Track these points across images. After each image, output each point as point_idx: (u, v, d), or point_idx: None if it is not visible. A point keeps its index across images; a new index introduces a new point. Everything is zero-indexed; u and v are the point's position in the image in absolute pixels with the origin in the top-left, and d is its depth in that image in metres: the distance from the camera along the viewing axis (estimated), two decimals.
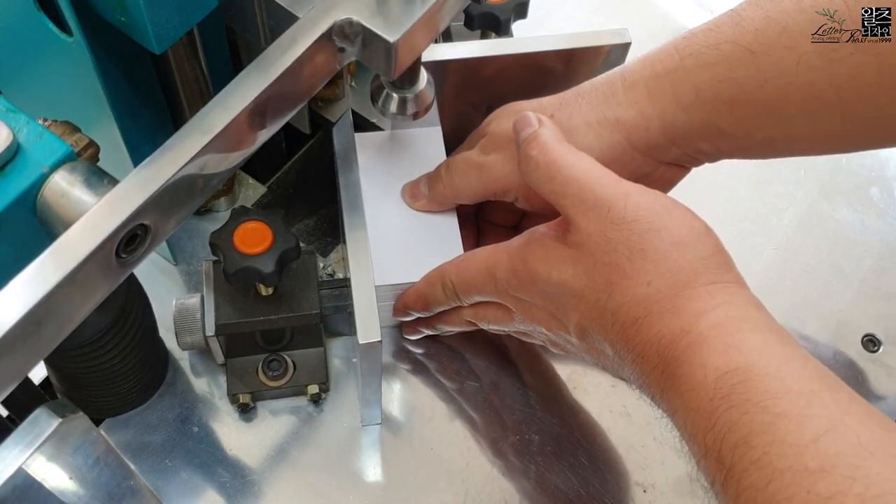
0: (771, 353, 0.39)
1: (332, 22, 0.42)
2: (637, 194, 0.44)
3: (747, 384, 0.38)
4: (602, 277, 0.44)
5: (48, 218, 0.38)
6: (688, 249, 0.43)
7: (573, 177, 0.45)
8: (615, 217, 0.44)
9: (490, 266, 0.49)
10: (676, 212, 0.44)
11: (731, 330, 0.40)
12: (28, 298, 0.34)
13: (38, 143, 0.38)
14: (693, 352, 0.40)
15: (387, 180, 0.56)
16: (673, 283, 0.42)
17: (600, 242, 0.44)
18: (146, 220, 0.37)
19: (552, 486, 0.55)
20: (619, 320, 0.43)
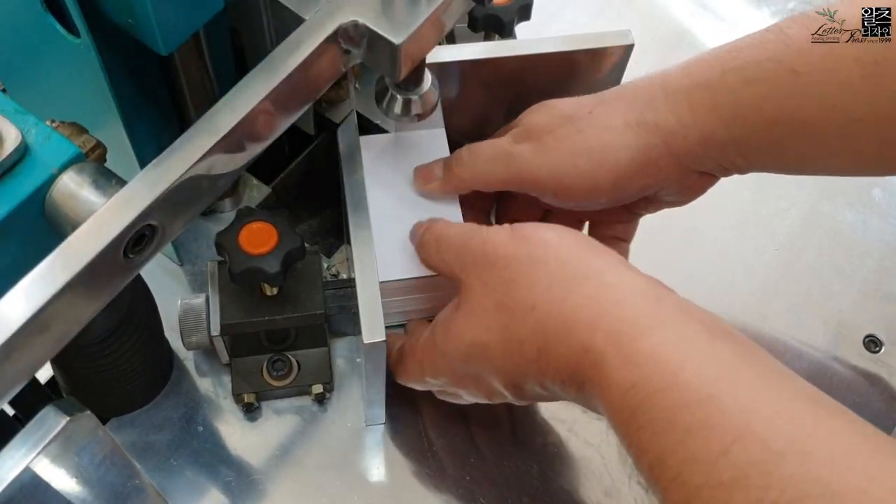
0: (666, 359, 0.38)
1: (337, 24, 0.42)
2: (493, 235, 0.46)
3: (647, 402, 0.37)
4: (498, 323, 0.44)
5: (56, 218, 0.38)
6: (545, 263, 0.44)
7: (448, 245, 0.48)
8: (482, 263, 0.46)
9: (419, 366, 0.50)
10: (525, 233, 0.45)
11: (624, 339, 0.39)
12: (37, 298, 0.34)
13: (47, 145, 0.38)
14: (599, 371, 0.40)
15: (391, 182, 0.56)
16: (550, 301, 0.42)
17: (481, 289, 0.45)
18: (154, 221, 0.38)
19: (556, 485, 0.55)
20: (528, 356, 0.43)
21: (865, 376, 0.61)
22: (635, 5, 0.78)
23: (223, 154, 0.40)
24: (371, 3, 0.42)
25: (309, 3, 0.44)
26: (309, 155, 0.67)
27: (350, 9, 0.42)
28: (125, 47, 0.46)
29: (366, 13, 0.42)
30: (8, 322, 0.34)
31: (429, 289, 0.54)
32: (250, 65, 0.55)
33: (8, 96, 0.53)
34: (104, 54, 0.45)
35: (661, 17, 0.78)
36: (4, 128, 0.36)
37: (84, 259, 0.35)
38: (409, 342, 0.52)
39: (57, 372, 0.53)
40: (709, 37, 0.77)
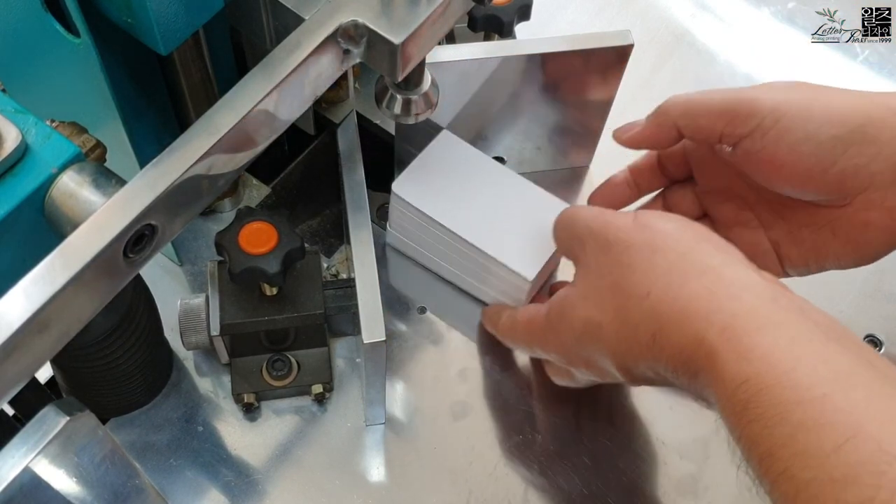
0: (778, 358, 0.38)
1: (337, 24, 0.42)
2: (615, 219, 0.47)
3: (760, 396, 0.38)
4: (610, 304, 0.46)
5: (56, 218, 0.38)
6: (665, 252, 0.44)
7: (576, 222, 0.50)
8: (601, 244, 0.47)
9: (528, 339, 0.53)
10: (651, 223, 0.46)
11: (739, 333, 0.40)
12: (36, 298, 0.34)
13: (47, 144, 0.38)
14: (711, 364, 0.40)
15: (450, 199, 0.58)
16: (668, 287, 0.43)
17: (597, 269, 0.47)
18: (153, 221, 0.38)
19: (555, 485, 0.55)
20: (642, 340, 0.44)
21: None
22: (634, 5, 0.78)
23: (223, 154, 0.40)
24: (371, 2, 0.42)
25: (309, 3, 0.44)
26: (308, 155, 0.67)
27: (350, 8, 0.42)
28: (125, 47, 0.46)
29: (366, 13, 0.42)
30: (8, 322, 0.34)
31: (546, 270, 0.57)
32: (250, 64, 0.56)
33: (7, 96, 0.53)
34: (104, 54, 0.45)
35: (660, 18, 0.78)
36: (4, 127, 0.36)
37: (84, 259, 0.35)
38: (522, 314, 0.54)
39: (56, 372, 0.53)
40: (708, 37, 0.77)
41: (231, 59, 0.54)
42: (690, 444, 0.57)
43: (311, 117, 0.64)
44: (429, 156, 0.58)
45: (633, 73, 0.60)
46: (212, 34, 0.51)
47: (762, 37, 0.76)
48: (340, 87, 0.64)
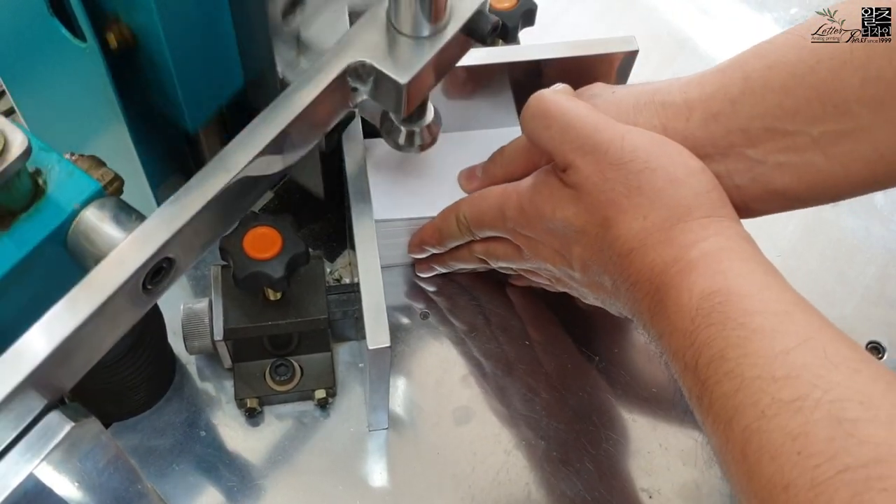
0: (753, 278, 0.41)
1: (346, 63, 0.44)
2: (633, 134, 0.46)
3: (727, 304, 0.40)
4: (601, 214, 0.45)
5: (79, 252, 0.39)
6: (683, 186, 0.44)
7: (569, 123, 0.47)
8: (612, 159, 0.45)
9: (501, 204, 0.51)
10: (672, 150, 0.45)
11: (720, 258, 0.42)
12: (60, 331, 0.36)
13: (69, 181, 0.39)
14: (682, 277, 0.42)
15: (395, 186, 0.57)
16: (667, 217, 0.44)
17: (598, 182, 0.45)
18: (171, 254, 0.39)
19: (558, 491, 0.55)
20: (616, 251, 0.45)
21: None
22: (637, 11, 0.78)
23: (237, 189, 0.41)
24: (378, 44, 0.44)
25: None
26: None
27: (358, 49, 0.44)
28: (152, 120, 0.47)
29: (373, 54, 0.44)
30: (34, 353, 0.35)
31: None
32: None
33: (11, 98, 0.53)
34: (109, 59, 0.45)
35: (662, 23, 0.78)
36: (11, 133, 0.36)
37: (106, 292, 0.37)
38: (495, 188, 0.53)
39: None
40: (710, 42, 0.77)
41: None
42: (693, 450, 0.57)
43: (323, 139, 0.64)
44: (376, 169, 0.58)
45: (635, 78, 0.59)
46: None
47: None
48: None
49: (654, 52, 0.75)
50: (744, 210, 0.48)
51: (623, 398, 0.59)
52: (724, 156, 0.47)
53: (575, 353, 0.60)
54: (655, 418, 0.58)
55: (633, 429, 0.58)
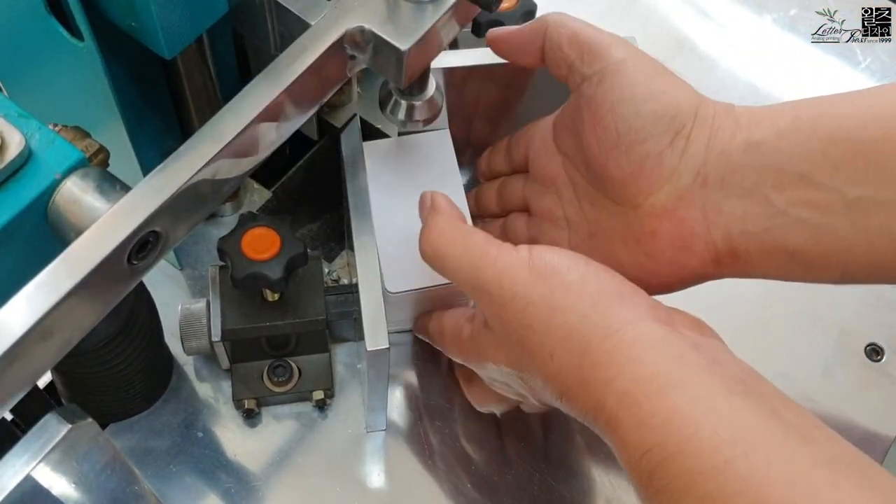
0: (679, 422, 0.37)
1: (343, 30, 0.42)
2: (510, 266, 0.43)
3: (664, 467, 0.37)
4: (518, 356, 0.44)
5: (60, 224, 0.37)
6: (566, 312, 0.41)
7: (457, 265, 0.45)
8: (497, 300, 0.43)
9: (454, 339, 0.50)
10: (548, 272, 0.42)
11: (639, 399, 0.38)
12: (40, 306, 0.34)
13: (50, 149, 0.37)
14: (613, 430, 0.39)
15: (395, 187, 0.56)
16: (569, 352, 0.41)
17: (500, 325, 0.44)
18: (158, 227, 0.37)
19: (556, 493, 0.55)
20: (553, 395, 0.43)
21: (867, 385, 0.61)
22: (636, 12, 0.78)
23: (228, 160, 0.40)
24: (377, 8, 0.42)
25: (314, 8, 0.43)
26: (310, 159, 0.67)
27: (356, 14, 0.42)
28: (128, 50, 0.45)
29: (372, 19, 0.42)
30: (11, 329, 0.33)
31: (437, 297, 0.54)
32: (253, 69, 0.56)
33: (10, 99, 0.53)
34: (107, 57, 0.44)
35: (661, 24, 0.78)
36: (8, 132, 0.36)
37: (88, 266, 0.35)
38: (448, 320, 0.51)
39: (56, 377, 0.53)
40: (709, 44, 0.77)
41: (234, 64, 0.54)
42: None
43: (315, 122, 0.64)
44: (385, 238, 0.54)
45: None
46: (215, 38, 0.51)
47: (764, 43, 0.76)
48: (343, 91, 0.63)
49: (653, 53, 0.74)
50: (743, 261, 0.45)
51: None
52: (748, 194, 0.44)
53: None
54: None
55: None
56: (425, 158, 0.57)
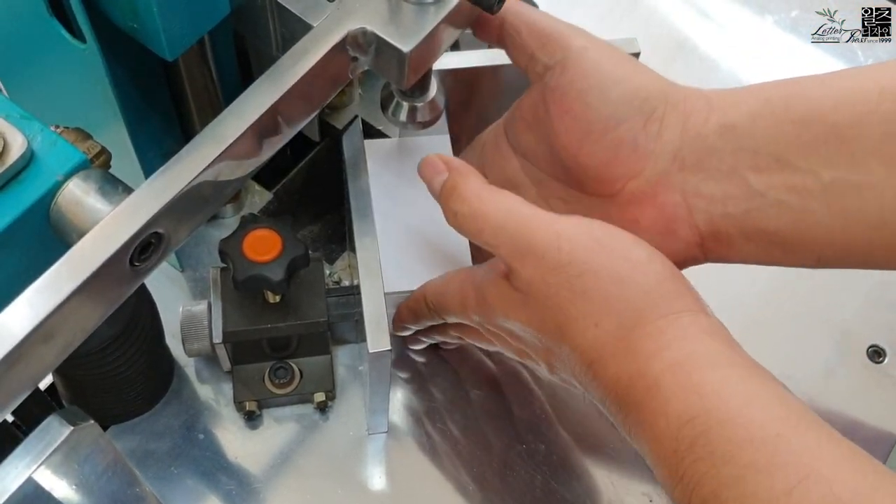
0: (731, 393, 0.37)
1: (346, 31, 0.42)
2: (569, 232, 0.42)
3: (710, 434, 0.36)
4: (552, 321, 0.42)
5: (62, 226, 0.37)
6: (629, 285, 0.41)
7: (501, 225, 0.43)
8: (550, 262, 0.42)
9: (461, 299, 0.48)
10: (615, 245, 0.42)
11: (688, 369, 0.38)
12: (42, 307, 0.34)
13: (52, 151, 0.37)
14: (651, 397, 0.38)
15: (395, 187, 0.56)
16: (620, 323, 0.40)
17: (542, 288, 0.42)
18: (160, 229, 0.37)
19: (558, 495, 0.55)
20: (576, 364, 0.42)
21: (869, 386, 0.61)
22: (637, 13, 0.78)
23: (230, 162, 0.40)
24: (379, 10, 0.42)
25: (316, 10, 0.43)
26: (311, 160, 0.67)
27: (358, 16, 0.42)
28: (130, 52, 0.45)
29: (374, 20, 0.42)
30: (13, 331, 0.33)
31: None
32: (255, 70, 0.55)
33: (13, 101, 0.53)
34: (109, 59, 0.44)
35: (662, 26, 0.77)
36: (10, 134, 0.36)
37: (90, 267, 0.35)
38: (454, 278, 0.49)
39: (57, 379, 0.53)
40: (710, 45, 0.77)
41: (235, 65, 0.54)
42: None
43: (316, 123, 0.64)
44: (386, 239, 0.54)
45: None
46: (216, 40, 0.51)
47: (765, 44, 0.76)
48: (344, 93, 0.63)
49: (654, 54, 0.74)
50: (725, 244, 0.45)
51: None
52: (726, 176, 0.44)
53: None
54: None
55: None
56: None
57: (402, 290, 0.53)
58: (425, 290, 0.51)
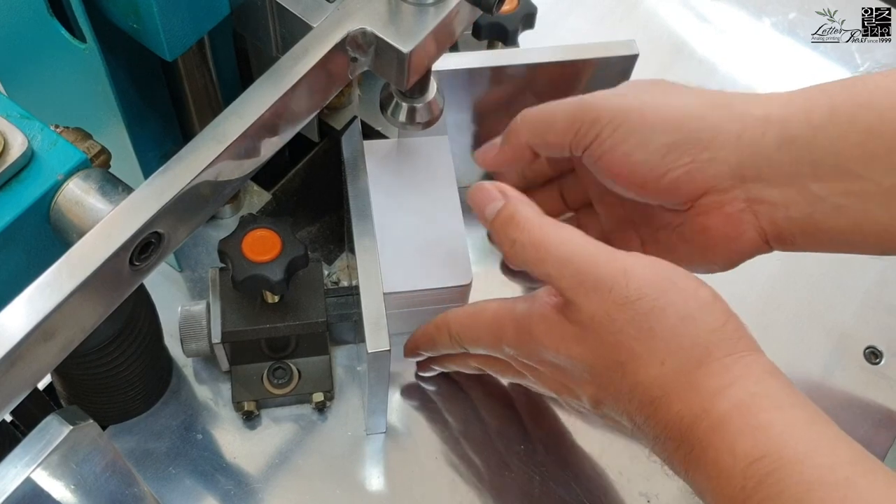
0: (800, 436, 0.37)
1: (345, 32, 0.42)
2: (636, 268, 0.42)
3: (779, 473, 0.36)
4: (612, 358, 0.42)
5: (62, 225, 0.38)
6: (697, 324, 0.41)
7: (567, 257, 0.43)
8: (617, 298, 0.41)
9: (495, 330, 0.47)
10: (681, 283, 0.42)
11: (755, 409, 0.38)
12: (42, 307, 0.34)
13: (53, 151, 0.38)
14: (717, 435, 0.38)
15: (394, 188, 0.56)
16: (686, 360, 0.40)
17: (605, 323, 0.42)
18: (160, 228, 0.37)
19: (556, 496, 0.55)
20: (637, 400, 0.42)
21: (866, 388, 0.61)
22: (636, 16, 0.78)
23: (230, 162, 0.40)
24: (379, 11, 0.42)
25: (316, 11, 0.43)
26: (309, 161, 0.67)
27: (358, 16, 0.42)
28: (130, 52, 0.46)
29: (374, 21, 0.42)
30: (13, 330, 0.34)
31: (436, 300, 0.54)
32: (254, 71, 0.56)
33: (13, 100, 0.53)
34: (109, 59, 0.44)
35: (661, 28, 0.78)
36: (10, 133, 0.36)
37: (90, 267, 0.35)
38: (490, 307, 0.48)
39: (56, 378, 0.53)
40: (708, 48, 0.77)
41: (234, 66, 0.54)
42: None
43: (315, 124, 0.64)
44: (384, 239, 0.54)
45: None
46: (216, 40, 0.51)
47: (763, 47, 0.76)
48: (343, 93, 0.63)
49: (653, 56, 0.75)
50: (789, 243, 0.47)
51: None
52: (785, 184, 0.45)
53: None
54: None
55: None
56: (424, 163, 0.57)
57: (400, 291, 0.53)
58: (449, 320, 0.51)
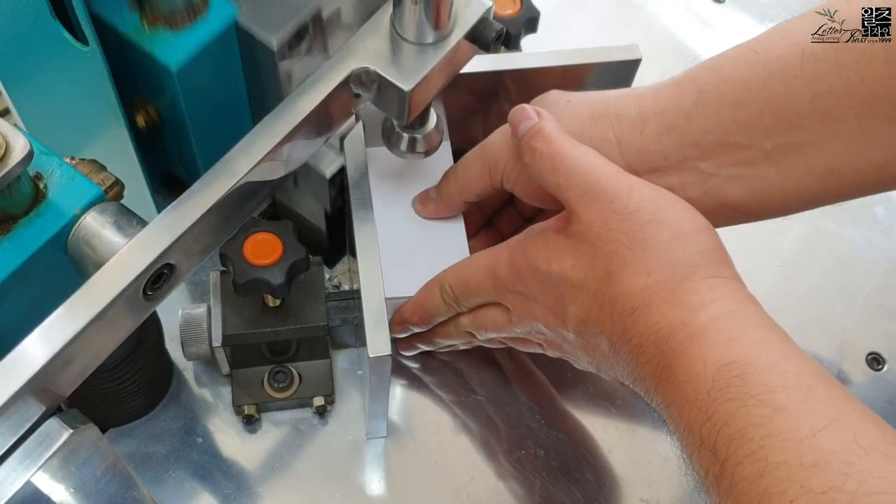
0: (770, 347, 0.39)
1: (349, 70, 0.44)
2: (640, 186, 0.44)
3: (746, 377, 0.38)
4: (602, 266, 0.44)
5: (79, 257, 0.39)
6: (689, 242, 0.43)
7: (577, 168, 0.45)
8: (617, 208, 0.44)
9: (491, 264, 0.49)
10: (678, 205, 0.44)
11: (731, 324, 0.40)
12: (61, 336, 0.36)
13: (70, 186, 0.40)
14: (692, 344, 0.40)
15: (397, 194, 0.56)
16: (673, 275, 0.42)
17: (601, 232, 0.44)
18: (172, 260, 0.39)
19: (557, 501, 0.55)
20: (617, 310, 0.43)
21: (868, 394, 0.61)
22: (639, 20, 0.78)
23: (239, 195, 0.41)
24: (382, 51, 0.44)
25: None
26: None
27: (361, 56, 0.44)
28: None
29: (376, 60, 0.44)
30: (34, 359, 0.35)
31: None
32: None
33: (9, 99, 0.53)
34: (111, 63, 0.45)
35: (664, 33, 0.78)
36: (12, 137, 0.36)
37: (106, 298, 0.37)
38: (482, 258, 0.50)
39: None
40: (711, 52, 0.76)
41: None
42: None
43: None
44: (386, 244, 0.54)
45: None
46: None
47: None
48: None
49: (656, 61, 0.75)
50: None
51: (623, 408, 0.58)
52: (677, 169, 0.48)
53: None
54: (655, 428, 0.58)
55: (632, 439, 0.57)
56: (427, 168, 0.57)
57: (402, 296, 0.53)
58: (442, 276, 0.52)
